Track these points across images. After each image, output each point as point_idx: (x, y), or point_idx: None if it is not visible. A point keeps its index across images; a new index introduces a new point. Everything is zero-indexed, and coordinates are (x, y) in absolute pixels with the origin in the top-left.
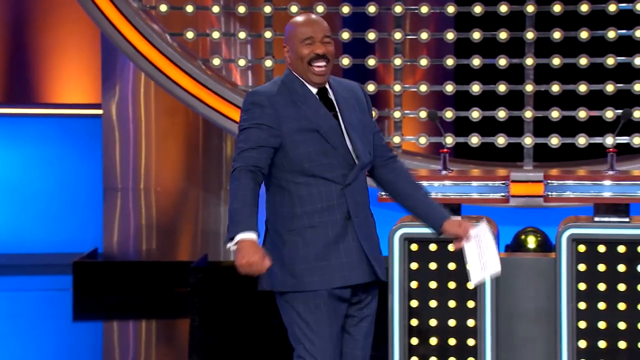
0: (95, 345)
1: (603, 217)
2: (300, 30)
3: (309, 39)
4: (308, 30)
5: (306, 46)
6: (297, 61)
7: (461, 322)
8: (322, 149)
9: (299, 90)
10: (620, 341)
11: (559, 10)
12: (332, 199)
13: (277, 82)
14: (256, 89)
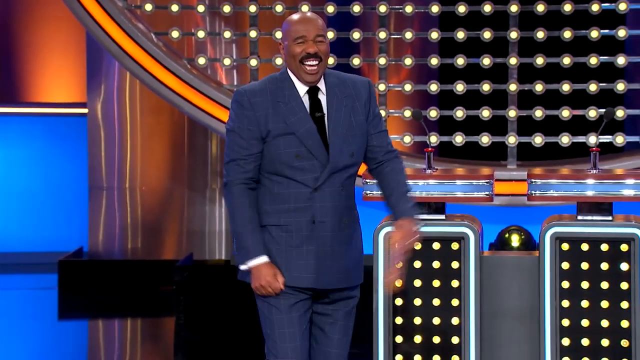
0: (80, 344)
1: (586, 216)
2: (293, 28)
3: (301, 37)
4: (301, 29)
5: (298, 45)
6: (290, 59)
7: (445, 320)
8: (296, 151)
9: (286, 91)
10: (604, 339)
11: (542, 10)
12: (300, 201)
13: (267, 80)
14: (243, 86)
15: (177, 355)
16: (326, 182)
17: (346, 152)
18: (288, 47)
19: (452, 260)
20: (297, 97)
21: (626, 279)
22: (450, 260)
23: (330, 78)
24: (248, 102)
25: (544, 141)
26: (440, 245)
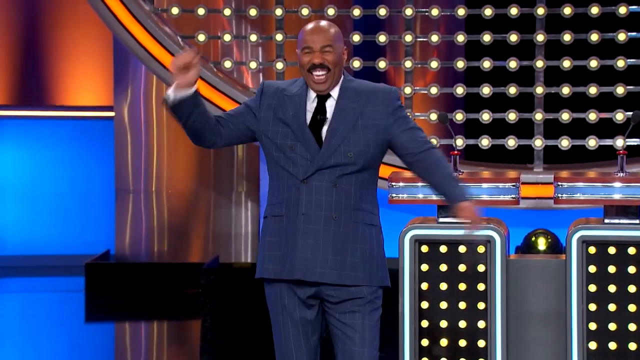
0: (107, 346)
1: (613, 219)
2: (302, 38)
3: (308, 48)
4: (308, 39)
5: (305, 55)
6: (300, 67)
7: (472, 324)
8: (290, 143)
9: (298, 89)
10: (631, 343)
11: (569, 13)
12: (291, 192)
13: (293, 79)
14: (267, 82)
15: (203, 358)
16: (314, 177)
17: (342, 151)
18: (298, 56)
19: (479, 264)
20: (303, 96)
21: None
22: (476, 263)
23: (351, 84)
24: (262, 90)
25: (571, 144)
26: (466, 248)
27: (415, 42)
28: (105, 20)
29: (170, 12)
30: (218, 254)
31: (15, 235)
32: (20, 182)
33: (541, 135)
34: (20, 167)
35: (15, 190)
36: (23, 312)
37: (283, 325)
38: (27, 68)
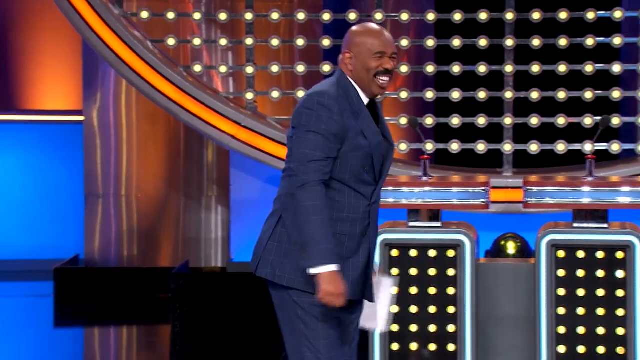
0: (76, 352)
1: (582, 223)
2: (372, 42)
3: (380, 53)
4: (380, 45)
5: (376, 59)
6: (363, 72)
7: (441, 328)
8: (365, 164)
9: (355, 100)
10: (600, 346)
11: (538, 18)
12: (358, 212)
13: (334, 84)
14: (322, 89)
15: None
16: (377, 197)
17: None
18: (363, 59)
19: (448, 268)
20: (365, 108)
21: (622, 287)
22: (446, 267)
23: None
24: (337, 107)
25: (540, 149)
26: (436, 252)
27: None
28: (74, 24)
29: (140, 16)
30: (188, 259)
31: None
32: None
33: (510, 139)
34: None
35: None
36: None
37: (342, 342)
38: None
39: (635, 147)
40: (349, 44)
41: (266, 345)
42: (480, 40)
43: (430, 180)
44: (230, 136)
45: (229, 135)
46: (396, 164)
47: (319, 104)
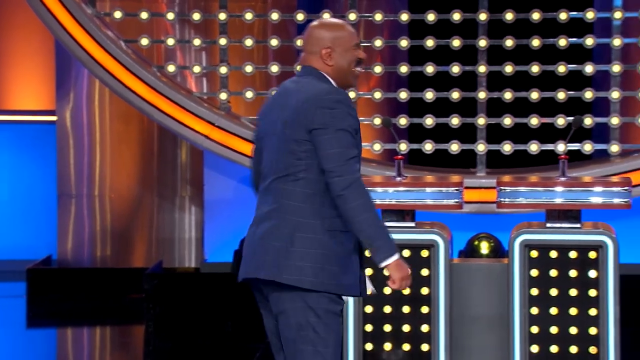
0: (49, 352)
1: (555, 223)
2: (348, 34)
3: (356, 44)
4: (355, 35)
5: (357, 50)
6: (345, 64)
7: (415, 328)
8: (359, 160)
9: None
10: (572, 346)
11: (511, 18)
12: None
13: (324, 81)
14: (327, 87)
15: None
16: None
17: None
18: (345, 52)
19: (422, 268)
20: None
21: (594, 286)
22: (420, 267)
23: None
24: (352, 104)
25: (513, 149)
26: (410, 252)
27: None
28: (47, 23)
29: (113, 15)
30: (161, 259)
31: None
32: None
33: (484, 140)
34: None
35: None
36: None
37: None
38: None
39: (607, 148)
40: (324, 40)
41: (239, 345)
42: (454, 40)
43: (404, 180)
44: (204, 136)
45: (203, 135)
46: (370, 164)
47: (337, 101)
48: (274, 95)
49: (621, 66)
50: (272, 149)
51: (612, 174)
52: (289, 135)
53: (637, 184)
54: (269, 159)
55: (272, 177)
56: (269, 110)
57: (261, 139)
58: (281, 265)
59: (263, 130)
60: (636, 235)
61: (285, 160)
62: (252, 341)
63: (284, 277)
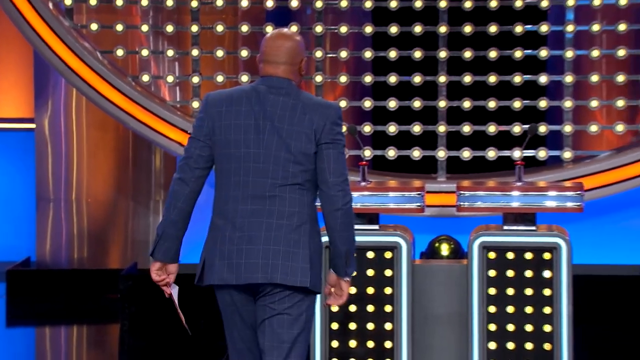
0: (28, 351)
1: (511, 226)
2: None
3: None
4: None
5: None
6: (304, 74)
7: (379, 326)
8: None
9: None
10: (528, 343)
11: (469, 31)
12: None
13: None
14: (325, 100)
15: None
16: None
17: None
18: (305, 61)
19: (386, 269)
20: None
21: (549, 286)
22: (383, 268)
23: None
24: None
25: (472, 155)
26: (374, 254)
27: (325, 57)
28: (25, 35)
29: (90, 27)
30: (136, 261)
31: None
32: None
33: (444, 146)
34: None
35: None
36: None
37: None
38: None
39: (560, 154)
40: (301, 51)
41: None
42: (415, 52)
43: (369, 185)
44: (177, 143)
45: (176, 143)
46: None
47: (340, 117)
48: (241, 99)
49: (573, 77)
50: (265, 157)
51: (565, 179)
52: (296, 147)
53: (589, 189)
54: (260, 158)
55: (268, 183)
56: (238, 113)
57: (230, 141)
58: (293, 268)
59: (235, 131)
60: (588, 237)
61: (288, 168)
62: (223, 339)
63: (300, 280)
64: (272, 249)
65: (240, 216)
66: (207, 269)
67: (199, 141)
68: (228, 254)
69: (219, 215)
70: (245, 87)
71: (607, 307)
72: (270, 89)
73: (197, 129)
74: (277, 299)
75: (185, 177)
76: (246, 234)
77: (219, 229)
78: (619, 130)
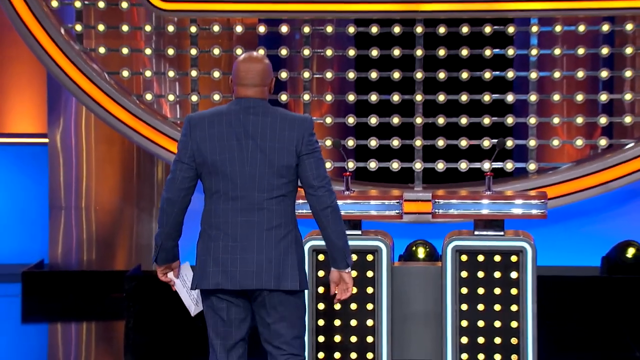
0: (41, 345)
1: (482, 231)
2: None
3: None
4: None
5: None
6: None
7: (361, 322)
8: None
9: None
10: (496, 337)
11: (443, 54)
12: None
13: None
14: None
15: (127, 355)
16: None
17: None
18: (273, 80)
19: (367, 270)
20: None
21: (515, 286)
22: (365, 269)
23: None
24: None
25: (446, 167)
26: (357, 256)
27: (312, 78)
28: (40, 58)
29: (98, 51)
30: (140, 263)
31: None
32: None
33: (420, 159)
34: None
35: None
36: None
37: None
38: None
39: (526, 166)
40: (270, 72)
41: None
42: (394, 73)
43: (352, 194)
44: None
45: None
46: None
47: (313, 127)
48: (221, 121)
49: (537, 96)
50: (250, 174)
51: (530, 188)
52: (279, 162)
53: (552, 197)
54: (246, 174)
55: (256, 197)
56: (220, 135)
57: (216, 161)
58: (284, 274)
59: (220, 152)
60: (551, 242)
61: (275, 179)
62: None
63: (290, 284)
64: (264, 258)
65: (232, 227)
66: (200, 275)
67: (184, 164)
68: (223, 262)
69: (210, 226)
70: (223, 108)
71: (568, 305)
72: (248, 109)
73: (181, 152)
74: (274, 303)
75: (172, 197)
76: (239, 243)
77: (211, 239)
78: (578, 145)
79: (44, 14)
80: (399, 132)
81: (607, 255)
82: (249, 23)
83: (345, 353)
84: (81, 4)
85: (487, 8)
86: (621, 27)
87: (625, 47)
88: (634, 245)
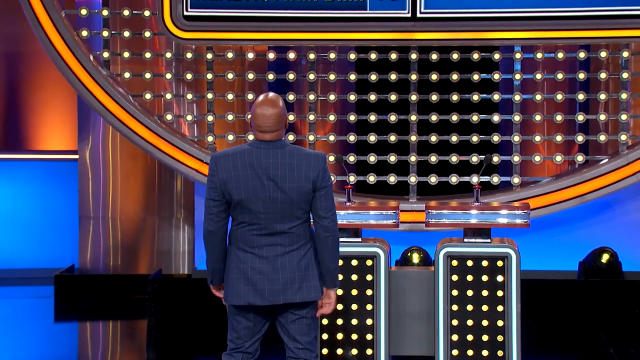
0: (72, 341)
1: (471, 239)
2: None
3: None
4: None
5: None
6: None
7: (361, 321)
8: None
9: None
10: (484, 335)
11: (435, 78)
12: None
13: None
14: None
15: (149, 350)
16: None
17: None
18: (287, 119)
19: (367, 274)
20: None
21: (501, 288)
22: (365, 273)
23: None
24: None
25: (438, 180)
26: (357, 261)
27: (317, 100)
28: (71, 82)
29: (123, 76)
30: (161, 267)
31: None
32: (2, 211)
33: (415, 173)
34: (3, 200)
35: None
36: (3, 315)
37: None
38: (9, 119)
39: (510, 179)
40: (285, 114)
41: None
42: (391, 95)
43: (353, 205)
44: (195, 170)
45: (194, 170)
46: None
47: (326, 162)
48: (244, 164)
49: (520, 116)
50: (274, 203)
51: (514, 200)
52: (298, 199)
53: (534, 208)
54: (269, 210)
55: (278, 227)
56: (245, 178)
57: (242, 200)
58: (308, 287)
59: (245, 192)
60: (534, 248)
61: (295, 211)
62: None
63: (314, 296)
64: (289, 277)
65: (258, 249)
66: (233, 293)
67: (215, 201)
68: (252, 281)
69: (240, 248)
70: (245, 148)
71: (548, 305)
72: (267, 152)
73: (211, 191)
74: (296, 310)
75: (213, 229)
76: (266, 265)
77: (240, 260)
78: (558, 160)
79: (75, 42)
80: (395, 149)
81: (584, 261)
82: (259, 50)
83: (347, 349)
84: (108, 33)
85: (475, 37)
86: (596, 54)
87: (599, 72)
88: (608, 252)
